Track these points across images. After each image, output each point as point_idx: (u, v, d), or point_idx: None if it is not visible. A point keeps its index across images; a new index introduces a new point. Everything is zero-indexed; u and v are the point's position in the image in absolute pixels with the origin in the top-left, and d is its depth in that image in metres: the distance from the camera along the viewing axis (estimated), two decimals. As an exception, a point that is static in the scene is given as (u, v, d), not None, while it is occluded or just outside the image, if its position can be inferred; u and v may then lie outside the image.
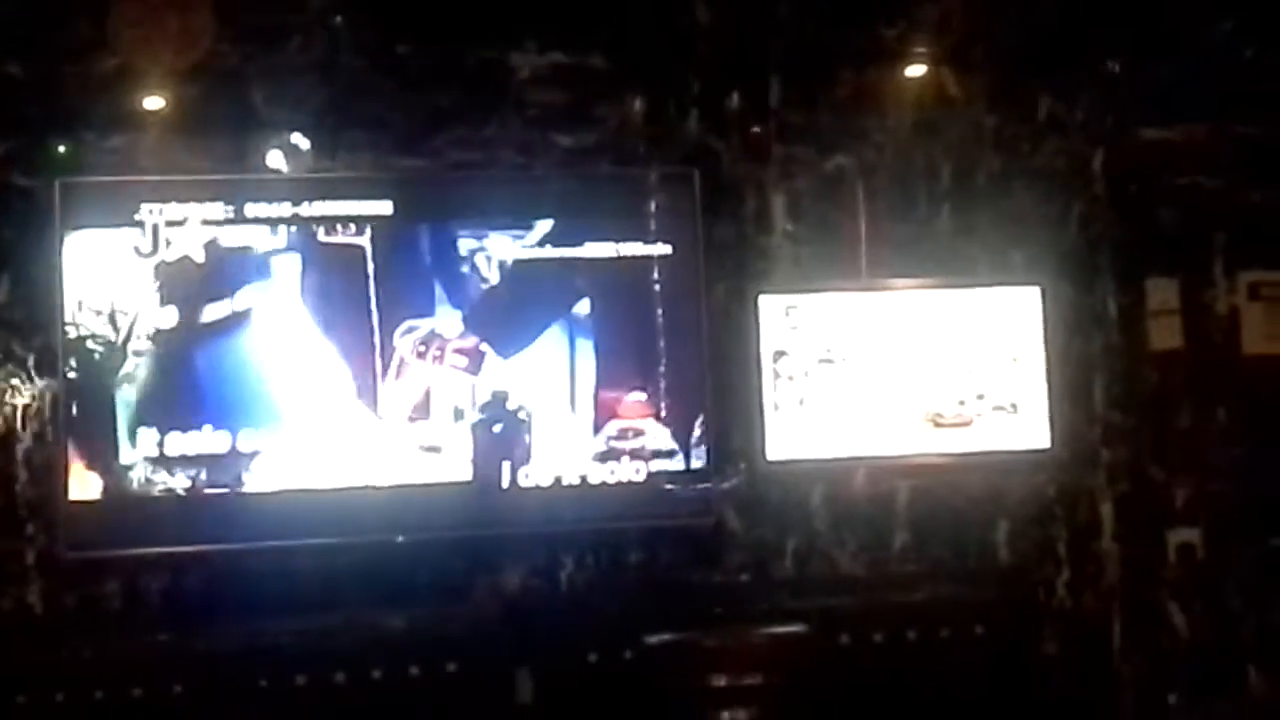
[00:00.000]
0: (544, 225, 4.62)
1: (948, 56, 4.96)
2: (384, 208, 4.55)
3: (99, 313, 4.36)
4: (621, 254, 4.66)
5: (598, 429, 4.59)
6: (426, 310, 4.54)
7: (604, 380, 4.61)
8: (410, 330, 4.51)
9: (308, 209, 4.50)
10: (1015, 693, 4.52)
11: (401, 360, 4.49)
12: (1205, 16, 4.86)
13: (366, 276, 4.50)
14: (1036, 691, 4.59)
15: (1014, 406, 4.77)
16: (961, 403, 4.76)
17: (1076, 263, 5.00)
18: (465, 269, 4.57)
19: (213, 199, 4.44)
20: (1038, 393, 4.79)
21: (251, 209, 4.47)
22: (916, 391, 4.76)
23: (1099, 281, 5.01)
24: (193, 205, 4.42)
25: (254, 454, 4.39)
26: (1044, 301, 4.83)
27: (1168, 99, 5.02)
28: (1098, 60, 5.04)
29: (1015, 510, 4.91)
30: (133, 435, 4.34)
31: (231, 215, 4.46)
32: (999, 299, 4.83)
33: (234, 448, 4.38)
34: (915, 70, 4.96)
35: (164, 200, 4.42)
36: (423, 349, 4.51)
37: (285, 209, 4.49)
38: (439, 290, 4.56)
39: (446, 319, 4.54)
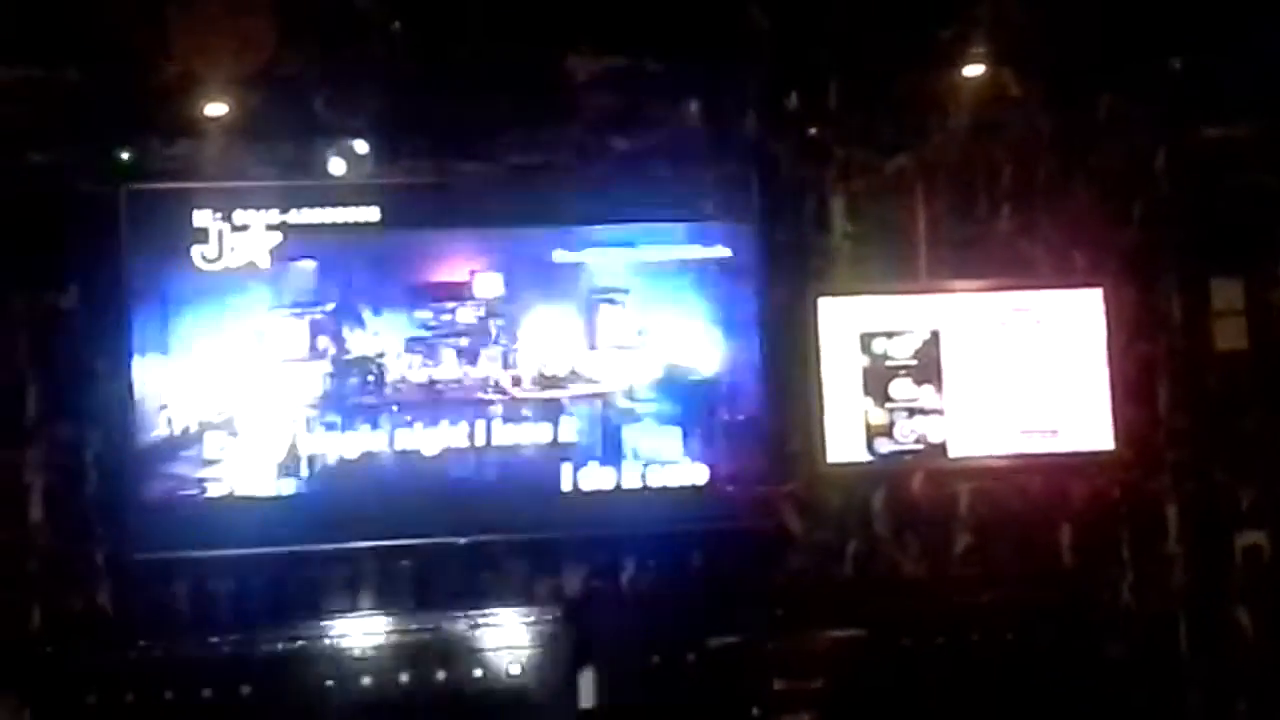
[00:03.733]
0: (603, 229, 4.63)
1: (1006, 56, 4.92)
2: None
3: (166, 318, 4.40)
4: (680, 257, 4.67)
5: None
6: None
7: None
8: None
9: (367, 213, 4.54)
10: (1080, 697, 4.48)
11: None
12: (1268, 12, 4.80)
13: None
14: (1101, 696, 4.54)
15: (1077, 409, 4.74)
16: (1026, 406, 4.74)
17: (1139, 263, 4.96)
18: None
19: (276, 205, 4.48)
20: (1101, 395, 4.76)
21: (312, 214, 4.51)
22: (978, 394, 4.74)
23: (1162, 282, 4.97)
24: (257, 211, 4.46)
25: (319, 456, 4.43)
26: (1106, 303, 4.80)
27: (1230, 96, 4.97)
28: (1159, 58, 4.99)
29: (1079, 513, 4.87)
30: (201, 438, 4.38)
31: (293, 220, 4.50)
32: (1061, 300, 4.80)
33: (302, 450, 4.43)
34: (974, 70, 4.93)
35: (228, 206, 4.46)
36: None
37: (344, 213, 4.53)
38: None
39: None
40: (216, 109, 4.60)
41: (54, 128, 4.55)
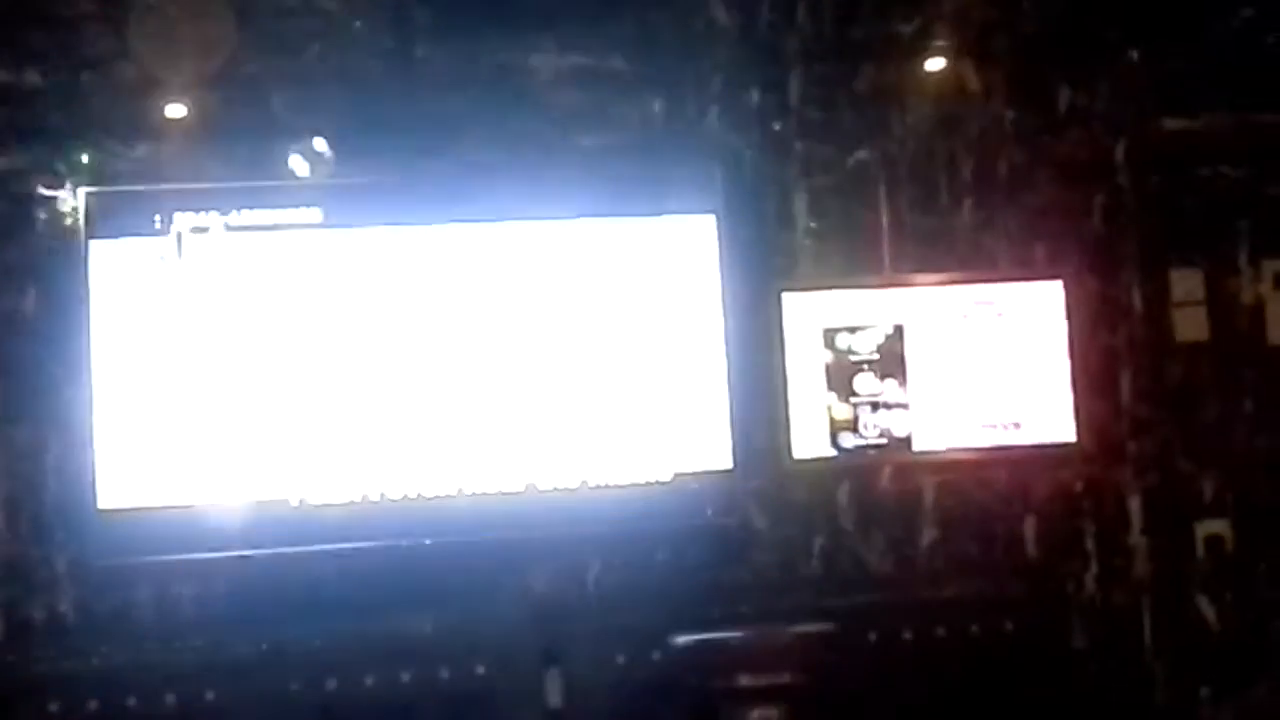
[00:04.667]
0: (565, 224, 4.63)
1: (967, 49, 4.95)
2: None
3: (126, 321, 4.38)
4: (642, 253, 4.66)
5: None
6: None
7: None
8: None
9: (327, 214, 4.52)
10: (1045, 688, 4.52)
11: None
12: (1226, 4, 4.83)
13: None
14: (1067, 686, 4.58)
15: (1040, 401, 4.76)
16: (990, 399, 4.76)
17: (1100, 255, 4.98)
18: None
19: (236, 206, 4.46)
20: (1063, 386, 4.78)
21: (273, 215, 4.50)
22: (941, 387, 4.76)
23: (1123, 273, 4.99)
24: (216, 213, 4.44)
25: (283, 460, 4.41)
26: (1067, 294, 4.82)
27: (1189, 88, 5.00)
28: (1118, 50, 5.01)
29: (1042, 505, 4.88)
30: (163, 442, 4.36)
31: (254, 221, 4.48)
32: (1022, 292, 4.82)
33: (263, 454, 4.41)
34: (935, 64, 4.95)
35: (188, 208, 4.43)
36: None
37: (307, 214, 4.51)
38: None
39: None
40: (176, 111, 4.58)
41: (13, 131, 4.51)
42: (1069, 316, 4.81)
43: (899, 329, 4.77)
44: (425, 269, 4.54)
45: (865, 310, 4.77)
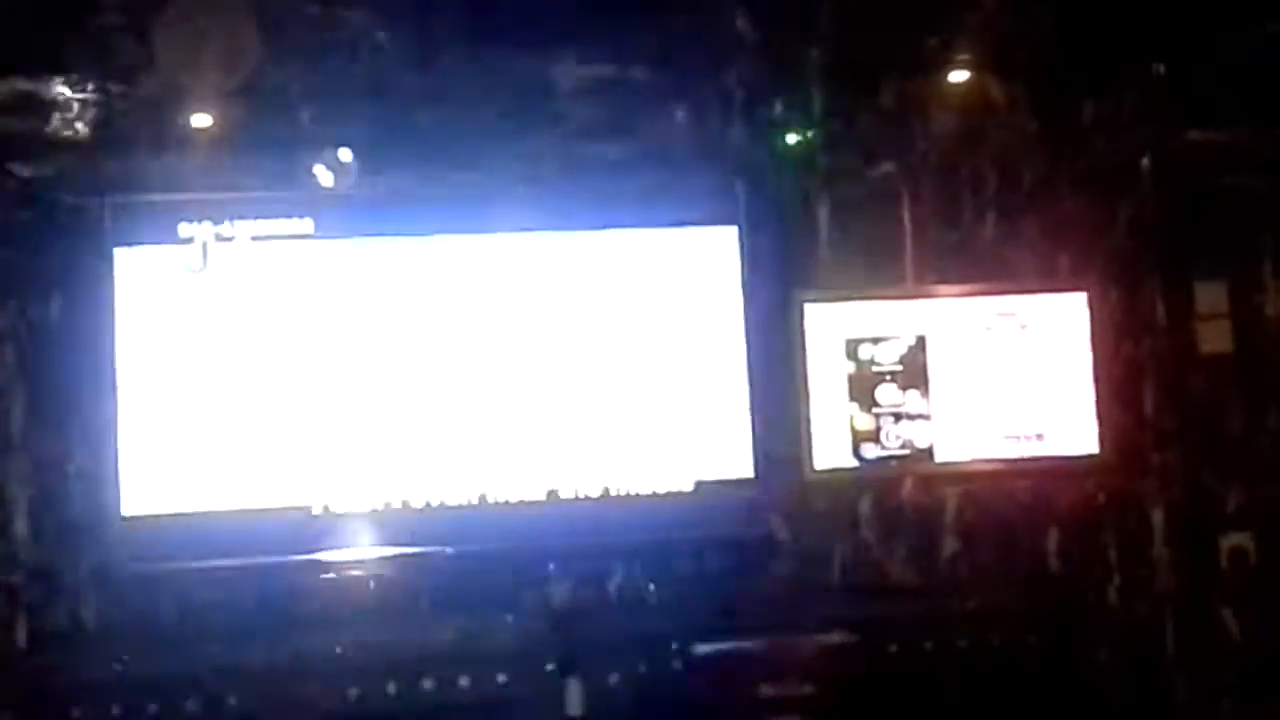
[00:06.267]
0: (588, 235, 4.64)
1: (990, 62, 4.94)
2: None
3: (151, 330, 4.40)
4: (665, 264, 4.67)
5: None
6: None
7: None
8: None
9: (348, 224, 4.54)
10: (1067, 701, 4.49)
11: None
12: (1251, 16, 4.81)
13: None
14: (1089, 699, 4.55)
15: (1063, 413, 4.74)
16: (1013, 410, 4.74)
17: (1124, 267, 4.97)
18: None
19: (261, 216, 4.48)
20: (1086, 398, 4.76)
21: (297, 225, 4.52)
22: (964, 398, 4.75)
23: (1147, 285, 4.98)
24: (242, 222, 4.46)
25: (305, 468, 4.43)
26: (1091, 306, 4.81)
27: (1214, 100, 4.98)
28: (1142, 63, 5.00)
29: (1065, 517, 4.87)
30: (186, 450, 4.38)
31: (278, 232, 4.50)
32: (1046, 304, 4.80)
33: (285, 461, 4.42)
34: (958, 76, 4.95)
35: (213, 218, 4.46)
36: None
37: (328, 224, 4.53)
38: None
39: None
40: (202, 121, 4.60)
41: (40, 140, 4.54)
42: (1092, 328, 4.81)
43: (921, 340, 4.77)
44: (451, 279, 4.56)
45: (888, 321, 4.77)
